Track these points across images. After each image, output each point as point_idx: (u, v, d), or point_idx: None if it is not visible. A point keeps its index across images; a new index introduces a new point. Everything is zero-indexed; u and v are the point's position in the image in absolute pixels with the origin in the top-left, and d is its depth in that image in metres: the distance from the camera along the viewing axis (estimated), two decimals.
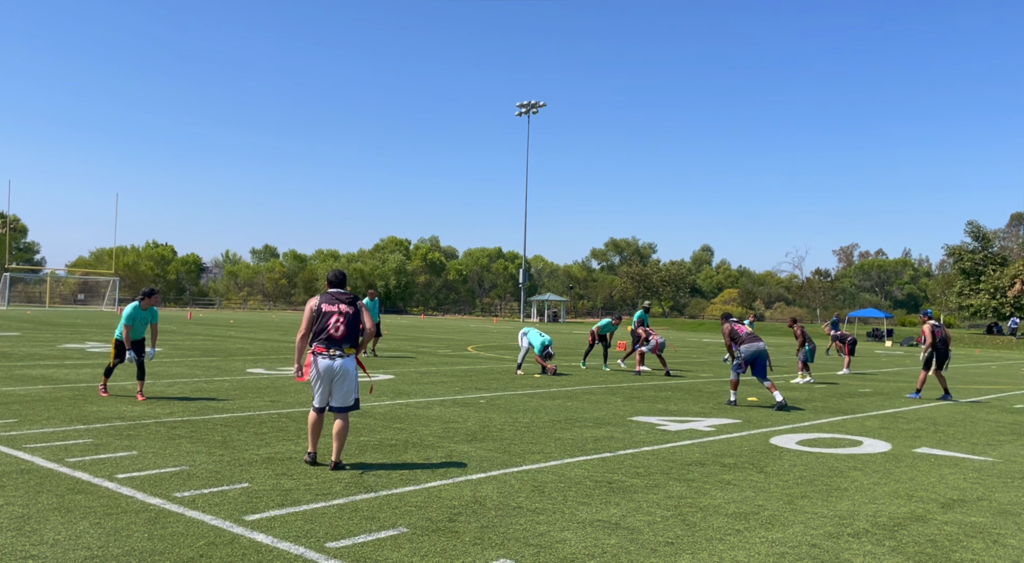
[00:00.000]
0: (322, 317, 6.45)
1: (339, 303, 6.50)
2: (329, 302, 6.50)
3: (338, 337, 6.41)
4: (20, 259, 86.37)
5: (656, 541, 4.80)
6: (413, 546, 4.54)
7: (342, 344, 6.42)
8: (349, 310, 6.49)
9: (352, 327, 6.48)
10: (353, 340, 6.51)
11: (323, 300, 6.51)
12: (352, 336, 6.49)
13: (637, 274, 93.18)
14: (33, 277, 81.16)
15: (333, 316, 6.43)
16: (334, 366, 6.39)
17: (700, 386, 14.97)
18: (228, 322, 43.80)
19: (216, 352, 19.54)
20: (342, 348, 6.42)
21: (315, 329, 6.46)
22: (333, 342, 6.40)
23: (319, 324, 6.45)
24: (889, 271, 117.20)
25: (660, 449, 7.91)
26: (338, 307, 6.48)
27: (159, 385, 11.88)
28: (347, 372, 6.42)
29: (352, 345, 6.50)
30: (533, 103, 72.63)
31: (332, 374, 6.40)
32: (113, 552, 4.26)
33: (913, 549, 4.84)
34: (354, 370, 6.50)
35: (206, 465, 6.42)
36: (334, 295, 6.57)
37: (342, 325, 6.42)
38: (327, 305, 6.48)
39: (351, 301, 6.55)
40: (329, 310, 6.46)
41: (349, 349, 6.47)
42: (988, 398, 14.64)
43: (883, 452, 8.21)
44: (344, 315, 6.45)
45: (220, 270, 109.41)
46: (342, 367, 6.40)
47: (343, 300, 6.53)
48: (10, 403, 9.52)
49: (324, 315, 6.45)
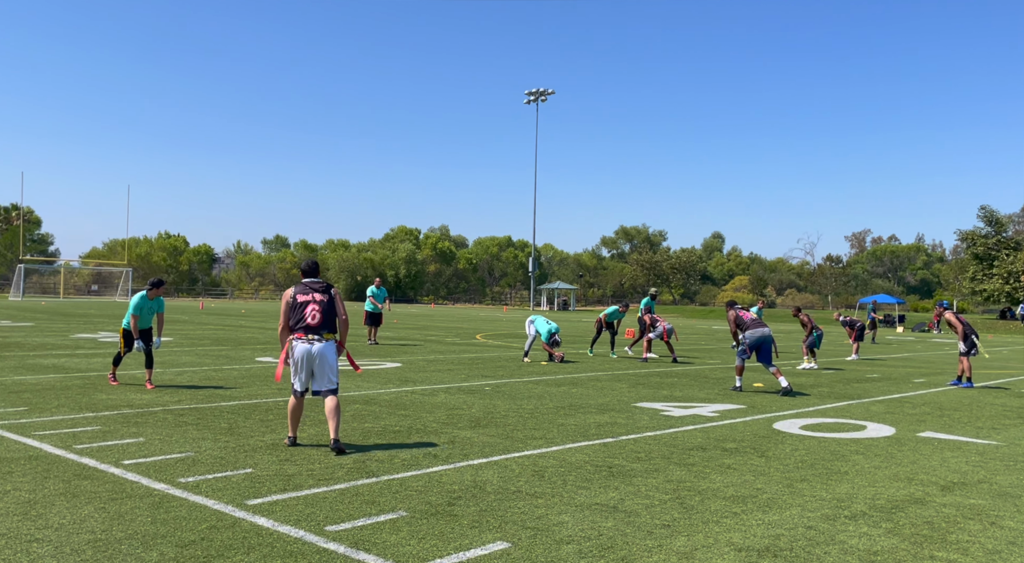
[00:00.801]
0: (298, 307, 6.62)
1: (313, 292, 6.68)
2: (303, 292, 6.67)
3: (315, 324, 6.57)
4: (34, 251, 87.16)
5: (653, 524, 4.83)
6: (411, 529, 4.60)
7: (320, 330, 6.57)
8: (324, 298, 6.67)
9: (328, 314, 6.64)
10: (330, 326, 6.66)
11: (297, 291, 6.69)
12: (328, 323, 6.64)
13: (647, 262, 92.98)
14: (47, 268, 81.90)
15: (309, 305, 6.60)
16: (312, 350, 6.54)
17: (706, 372, 14.98)
18: (240, 312, 44.10)
19: (226, 341, 19.70)
20: (320, 334, 6.57)
21: (293, 319, 6.62)
22: (311, 329, 6.56)
23: (296, 314, 6.62)
24: (902, 257, 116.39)
25: (662, 434, 7.94)
26: (312, 296, 6.65)
27: (168, 374, 12.01)
28: (324, 356, 6.57)
29: (330, 331, 6.64)
30: (542, 91, 72.32)
31: (311, 358, 6.55)
32: (116, 535, 4.34)
33: (909, 531, 4.85)
34: (332, 353, 6.64)
35: (211, 451, 6.51)
36: (308, 285, 6.73)
37: (318, 313, 6.58)
38: (302, 295, 6.65)
39: (325, 289, 6.73)
40: (304, 300, 6.63)
41: (328, 335, 6.62)
42: (997, 383, 14.56)
43: (886, 436, 8.20)
44: (320, 303, 6.63)
45: (232, 260, 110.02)
46: (319, 351, 6.55)
47: (317, 289, 6.71)
48: (21, 392, 9.66)
49: (299, 305, 6.62)
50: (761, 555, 4.31)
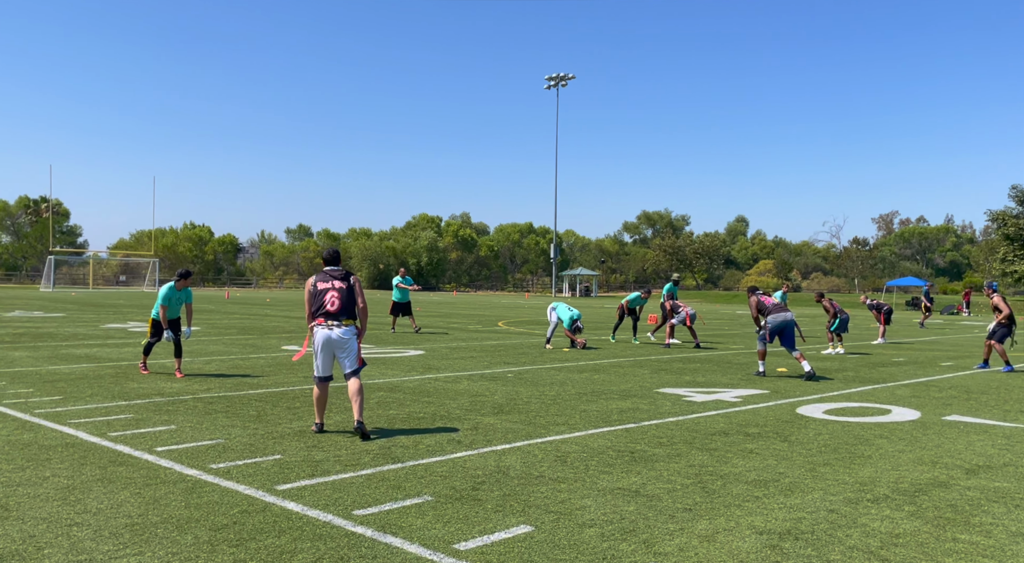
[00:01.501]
0: (318, 294, 6.82)
1: (333, 280, 6.87)
2: (324, 280, 6.88)
3: (334, 311, 6.76)
4: (63, 242, 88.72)
5: (675, 507, 4.89)
6: (437, 513, 4.69)
7: (339, 316, 6.75)
8: (343, 285, 6.85)
9: (346, 301, 6.81)
10: (349, 312, 6.82)
11: (318, 279, 6.91)
12: (348, 309, 6.81)
13: (670, 247, 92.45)
14: (76, 259, 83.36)
15: (328, 292, 6.80)
16: (331, 335, 6.72)
17: (729, 358, 14.94)
18: (264, 301, 44.62)
19: (252, 330, 19.98)
20: (339, 320, 6.74)
21: (313, 306, 6.82)
22: (330, 315, 6.75)
23: (317, 301, 6.82)
24: (931, 238, 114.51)
25: (685, 420, 7.97)
26: (332, 283, 6.85)
27: (197, 362, 12.24)
28: (344, 340, 6.74)
29: (349, 317, 6.80)
30: (562, 76, 71.90)
31: (331, 343, 6.74)
32: (152, 520, 4.48)
33: (932, 513, 4.86)
34: (352, 337, 6.79)
35: (241, 438, 6.66)
36: (328, 273, 6.94)
37: (336, 300, 6.78)
38: (322, 283, 6.87)
39: (344, 277, 6.91)
40: (324, 287, 6.83)
41: (347, 321, 6.78)
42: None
43: (911, 420, 8.16)
44: (339, 290, 6.81)
45: (256, 250, 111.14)
46: (339, 336, 6.73)
47: (337, 276, 6.90)
48: (56, 381, 9.91)
49: (320, 292, 6.82)
50: (782, 538, 4.35)
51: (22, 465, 5.63)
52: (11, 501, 4.77)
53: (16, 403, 8.22)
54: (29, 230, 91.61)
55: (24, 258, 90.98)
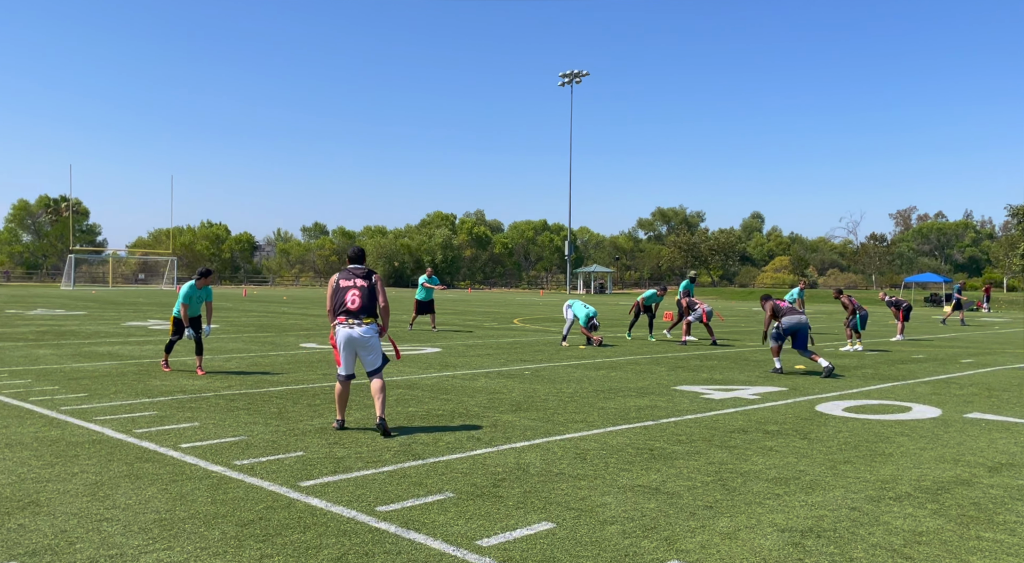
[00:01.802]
0: (340, 292, 6.89)
1: (355, 278, 6.94)
2: (346, 278, 6.95)
3: (354, 309, 6.83)
4: (83, 241, 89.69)
5: (695, 505, 4.90)
6: (459, 509, 4.74)
7: (359, 315, 6.82)
8: (364, 284, 6.91)
9: (367, 299, 6.87)
10: (370, 311, 6.87)
11: (341, 276, 6.99)
12: (368, 307, 6.86)
13: (685, 243, 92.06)
14: (96, 258, 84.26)
15: (350, 290, 6.87)
16: (353, 334, 6.80)
17: (747, 355, 14.89)
18: (281, 298, 44.92)
19: (270, 328, 20.14)
20: (360, 318, 6.81)
21: (335, 304, 6.89)
22: (351, 313, 6.83)
23: (338, 298, 6.89)
24: (949, 234, 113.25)
25: (703, 417, 7.97)
26: (354, 281, 6.91)
27: (217, 360, 12.37)
28: (366, 339, 6.81)
29: (369, 315, 6.86)
30: (576, 73, 71.73)
31: (353, 342, 6.82)
32: (179, 515, 4.55)
33: (956, 512, 4.84)
34: (373, 336, 6.85)
35: (263, 435, 6.74)
36: (351, 270, 7.02)
37: (357, 298, 6.84)
38: (344, 281, 6.94)
39: (366, 275, 6.97)
40: (346, 285, 6.91)
41: (367, 319, 6.84)
42: None
43: (932, 418, 8.11)
44: (360, 289, 6.88)
45: (272, 248, 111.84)
46: (360, 335, 6.80)
47: (359, 275, 6.96)
48: (80, 378, 10.06)
49: (341, 290, 6.90)
50: (804, 535, 4.35)
51: (51, 461, 5.73)
52: (42, 497, 4.86)
53: (42, 400, 8.35)
54: (50, 229, 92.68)
55: (45, 257, 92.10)
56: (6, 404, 8.10)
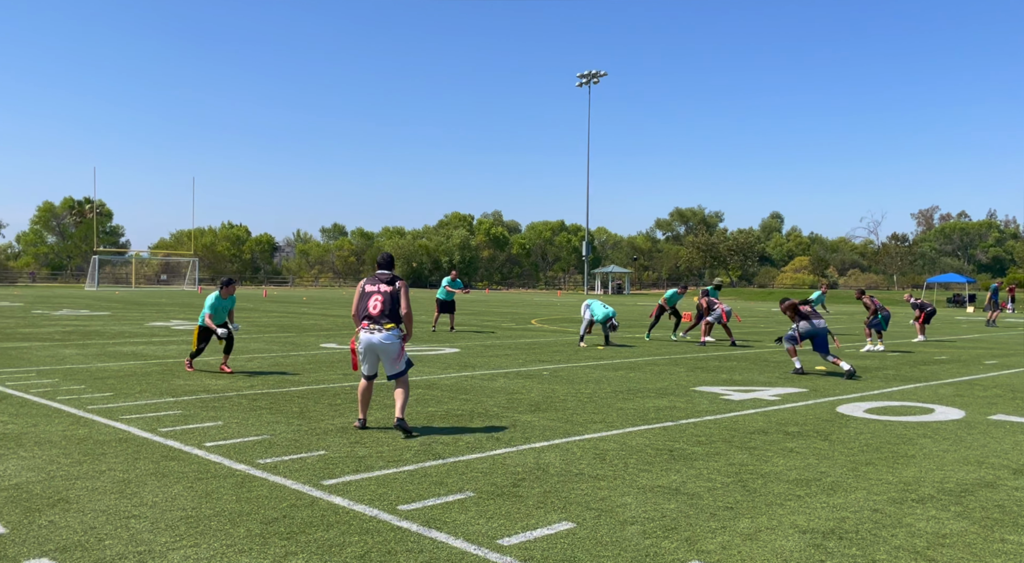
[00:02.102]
0: (364, 297, 6.98)
1: (380, 283, 7.01)
2: (372, 283, 7.05)
3: (375, 314, 6.90)
4: (107, 242, 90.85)
5: (716, 506, 4.90)
6: (479, 509, 4.77)
7: (380, 320, 6.87)
8: (388, 289, 6.97)
9: (389, 305, 6.93)
10: (392, 316, 6.91)
11: (367, 282, 7.09)
12: (391, 313, 6.91)
13: (703, 244, 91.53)
14: (119, 259, 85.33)
15: (373, 296, 6.95)
16: (373, 340, 6.87)
17: (766, 356, 14.81)
18: (301, 299, 45.26)
19: (291, 328, 20.32)
20: (380, 323, 6.86)
21: (360, 308, 6.98)
22: (372, 319, 6.90)
23: (363, 303, 6.98)
24: (972, 234, 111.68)
25: (723, 418, 7.95)
26: (379, 287, 6.99)
27: (239, 360, 12.50)
28: (386, 345, 6.85)
29: (391, 321, 6.90)
30: (594, 73, 71.60)
31: (373, 347, 6.89)
32: (205, 513, 4.63)
33: (980, 514, 4.80)
34: (394, 342, 6.88)
35: (285, 434, 6.82)
36: (378, 276, 7.09)
37: (379, 304, 6.91)
38: (369, 286, 7.04)
39: (391, 281, 7.03)
40: (371, 290, 7.00)
41: (388, 324, 6.87)
42: None
43: (955, 419, 8.04)
44: (383, 294, 6.94)
45: (292, 249, 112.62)
46: (380, 341, 6.84)
47: (384, 280, 7.03)
48: (106, 378, 10.22)
49: (366, 295, 6.99)
50: (826, 537, 4.34)
51: (79, 459, 5.84)
52: (71, 494, 4.96)
53: (70, 399, 8.50)
54: (74, 231, 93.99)
55: (69, 258, 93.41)
56: (35, 403, 8.26)
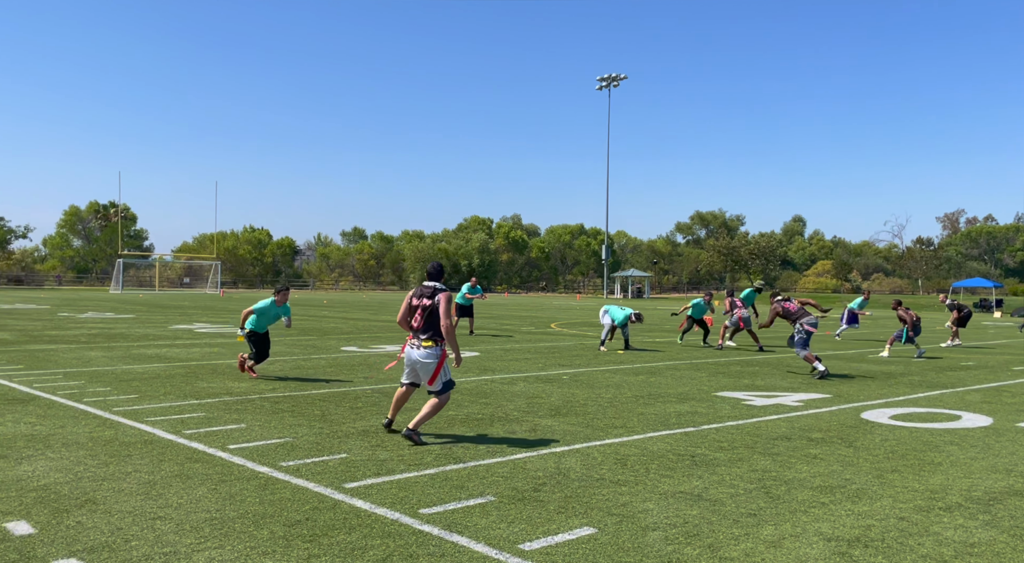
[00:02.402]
0: (411, 310, 7.04)
1: (424, 297, 6.98)
2: (418, 296, 7.04)
3: (417, 328, 6.92)
4: (131, 246, 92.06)
5: (738, 512, 4.86)
6: (500, 513, 4.77)
7: (420, 335, 6.87)
8: (428, 303, 6.93)
9: (429, 319, 6.90)
10: (431, 330, 6.85)
11: (415, 293, 7.08)
12: (430, 327, 6.87)
13: (724, 247, 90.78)
14: (143, 262, 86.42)
15: (418, 310, 6.97)
16: (413, 355, 6.90)
17: (789, 361, 14.67)
18: (322, 302, 45.54)
19: (312, 331, 20.45)
20: (420, 339, 6.86)
21: (407, 320, 7.07)
22: (415, 332, 6.94)
23: (409, 316, 7.06)
24: (999, 238, 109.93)
25: (745, 424, 7.88)
26: (423, 301, 6.96)
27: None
28: (424, 363, 6.84)
29: (430, 336, 6.83)
30: (614, 76, 71.48)
31: (413, 362, 6.93)
32: (229, 515, 4.67)
33: (1008, 523, 4.72)
34: (431, 361, 6.82)
35: (307, 437, 6.86)
36: (424, 288, 7.07)
37: (420, 317, 6.92)
38: (416, 299, 7.04)
39: (432, 294, 6.98)
40: (416, 304, 7.00)
41: (426, 341, 6.82)
42: None
43: (983, 426, 7.91)
44: (424, 308, 6.92)
45: (313, 252, 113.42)
46: (419, 358, 6.85)
47: (427, 293, 6.99)
48: (131, 380, 10.35)
49: (412, 308, 7.03)
50: (851, 545, 4.29)
51: (105, 461, 5.92)
52: (98, 495, 5.03)
53: (96, 401, 8.62)
54: (99, 234, 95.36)
55: (94, 261, 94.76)
56: (62, 405, 8.39)
